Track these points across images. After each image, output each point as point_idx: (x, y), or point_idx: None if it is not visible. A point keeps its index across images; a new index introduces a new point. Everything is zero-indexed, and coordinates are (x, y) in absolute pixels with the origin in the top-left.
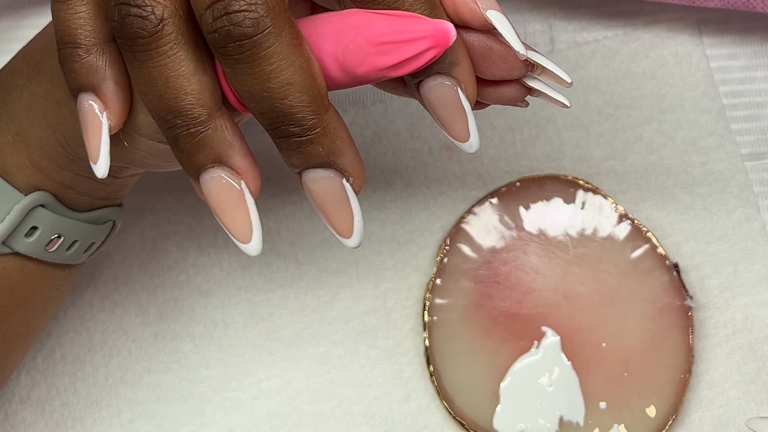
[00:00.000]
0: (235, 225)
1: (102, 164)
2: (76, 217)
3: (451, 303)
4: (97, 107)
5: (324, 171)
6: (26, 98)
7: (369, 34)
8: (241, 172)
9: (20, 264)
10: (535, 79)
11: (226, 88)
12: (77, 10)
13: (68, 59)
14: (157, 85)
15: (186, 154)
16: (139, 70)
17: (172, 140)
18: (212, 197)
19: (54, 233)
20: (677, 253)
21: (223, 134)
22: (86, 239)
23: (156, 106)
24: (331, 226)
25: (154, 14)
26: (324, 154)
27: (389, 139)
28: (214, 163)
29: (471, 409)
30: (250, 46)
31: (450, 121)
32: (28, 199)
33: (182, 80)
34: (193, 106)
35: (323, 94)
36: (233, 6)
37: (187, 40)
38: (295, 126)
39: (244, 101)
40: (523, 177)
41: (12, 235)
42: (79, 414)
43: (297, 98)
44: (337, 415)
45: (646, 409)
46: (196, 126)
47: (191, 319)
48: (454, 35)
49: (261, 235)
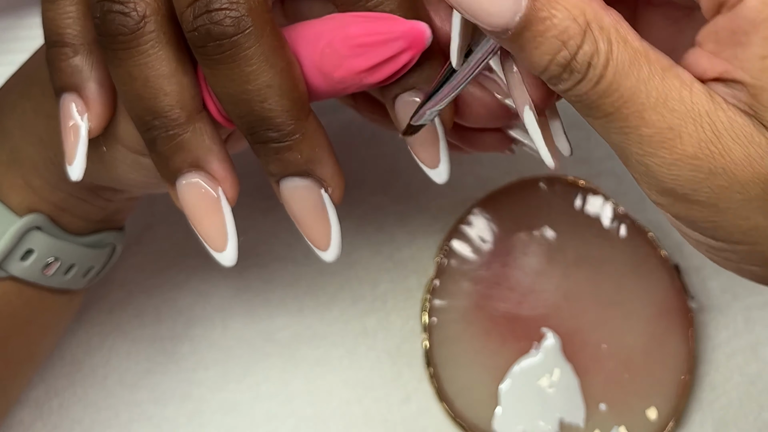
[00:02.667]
0: (209, 233)
1: (77, 166)
2: (73, 240)
3: (450, 304)
4: (78, 108)
5: (302, 180)
6: (19, 115)
7: (344, 36)
8: (218, 178)
9: (18, 289)
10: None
11: (207, 99)
12: (66, 10)
13: (55, 58)
14: (137, 84)
15: (163, 158)
16: (119, 69)
17: (149, 143)
18: (188, 203)
19: (50, 256)
20: (678, 255)
21: (202, 138)
22: (84, 263)
23: (135, 106)
24: (307, 237)
25: (136, 11)
26: (302, 162)
27: (388, 139)
28: (192, 167)
29: (471, 411)
30: (229, 46)
31: (419, 144)
32: (24, 221)
33: (162, 80)
34: (172, 108)
35: (304, 99)
36: (214, 4)
37: (168, 40)
38: (273, 131)
39: (223, 104)
40: (523, 178)
41: (7, 258)
42: (78, 415)
43: (276, 102)
44: (336, 417)
45: (647, 411)
46: (174, 128)
47: (189, 320)
48: (429, 36)
49: (236, 244)
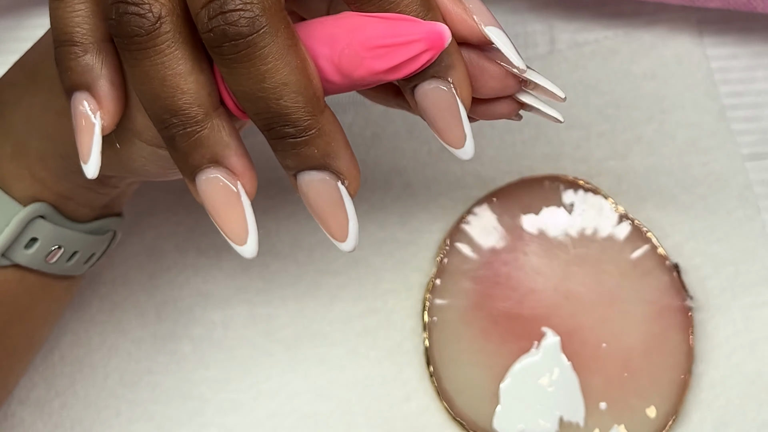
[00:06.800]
0: (230, 226)
1: (92, 164)
2: (75, 227)
3: (451, 303)
4: (90, 106)
5: (319, 173)
6: (24, 109)
7: (363, 38)
8: (237, 172)
9: (20, 276)
10: (528, 93)
11: (224, 93)
12: (75, 8)
13: (64, 57)
14: (154, 83)
15: (182, 155)
16: (136, 69)
17: (168, 140)
18: (208, 198)
19: (54, 244)
20: (677, 254)
21: (219, 134)
22: (87, 250)
23: (152, 105)
24: (325, 229)
25: (151, 12)
26: (319, 156)
27: (389, 139)
28: (211, 163)
29: (471, 410)
30: (245, 45)
31: (445, 126)
32: (27, 210)
33: (179, 79)
34: (190, 105)
35: (319, 95)
36: (228, 5)
37: (184, 39)
38: (290, 127)
39: (240, 102)
40: (523, 177)
41: (11, 246)
42: (78, 415)
43: (292, 99)
44: (336, 416)
45: (647, 410)
46: (192, 125)
47: (190, 320)
48: (449, 37)
49: (257, 237)
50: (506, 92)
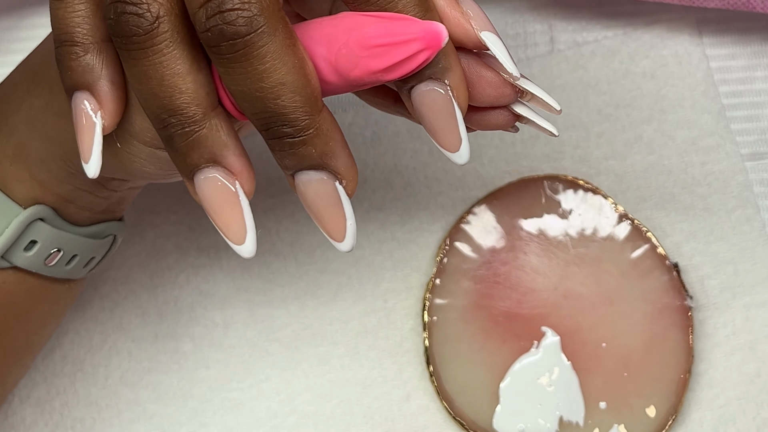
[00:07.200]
0: (228, 226)
1: (93, 164)
2: (75, 231)
3: (450, 303)
4: (91, 106)
5: (316, 173)
6: (26, 111)
7: (360, 37)
8: (235, 172)
9: (20, 279)
10: (524, 105)
11: (222, 93)
12: (75, 9)
13: (65, 57)
14: (152, 83)
15: (180, 154)
16: (135, 69)
17: (166, 140)
18: (206, 198)
19: (53, 247)
20: (677, 253)
21: (218, 134)
22: (86, 254)
23: (151, 104)
24: (323, 229)
25: (149, 12)
26: (317, 156)
27: (389, 139)
28: (209, 162)
29: (471, 409)
30: (243, 45)
31: (440, 129)
32: (27, 212)
33: (177, 78)
34: (188, 105)
35: (317, 95)
36: (226, 5)
37: (182, 39)
38: (287, 126)
39: (238, 102)
40: (523, 177)
41: (11, 249)
42: (79, 414)
43: (290, 98)
44: (336, 416)
45: (646, 409)
46: (190, 125)
47: (191, 319)
48: (446, 37)
49: (255, 236)
50: (502, 101)
